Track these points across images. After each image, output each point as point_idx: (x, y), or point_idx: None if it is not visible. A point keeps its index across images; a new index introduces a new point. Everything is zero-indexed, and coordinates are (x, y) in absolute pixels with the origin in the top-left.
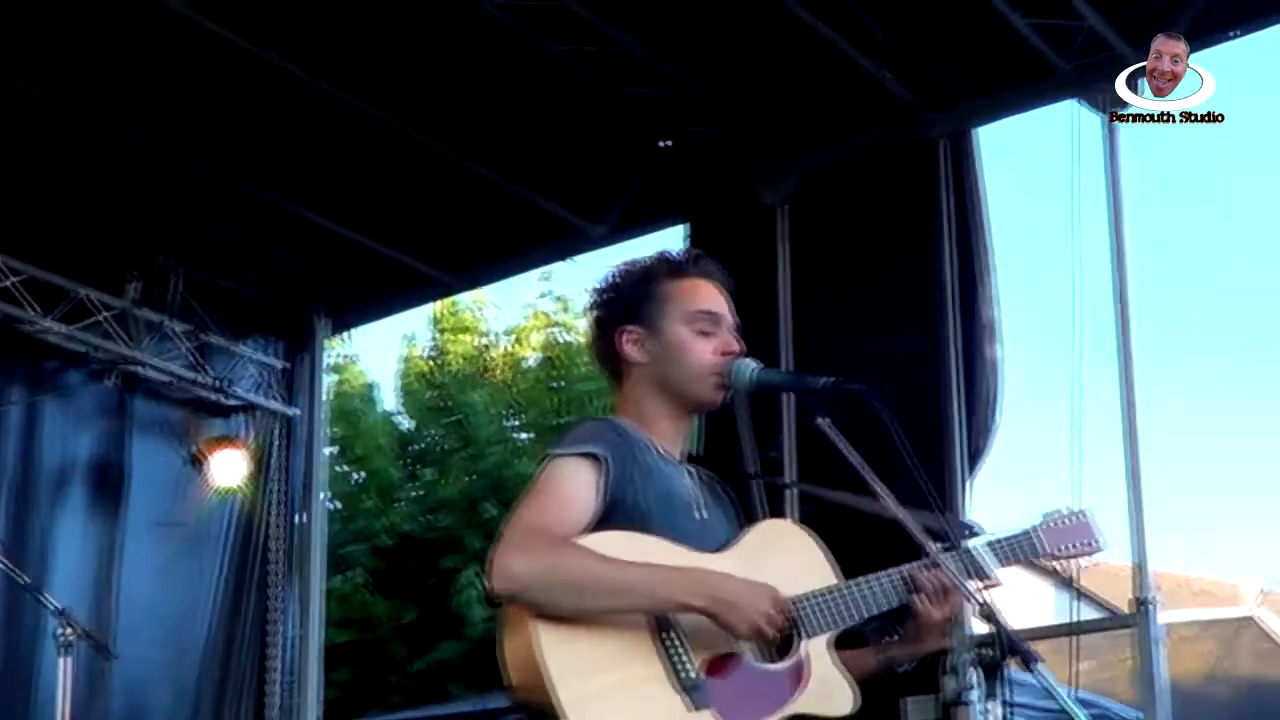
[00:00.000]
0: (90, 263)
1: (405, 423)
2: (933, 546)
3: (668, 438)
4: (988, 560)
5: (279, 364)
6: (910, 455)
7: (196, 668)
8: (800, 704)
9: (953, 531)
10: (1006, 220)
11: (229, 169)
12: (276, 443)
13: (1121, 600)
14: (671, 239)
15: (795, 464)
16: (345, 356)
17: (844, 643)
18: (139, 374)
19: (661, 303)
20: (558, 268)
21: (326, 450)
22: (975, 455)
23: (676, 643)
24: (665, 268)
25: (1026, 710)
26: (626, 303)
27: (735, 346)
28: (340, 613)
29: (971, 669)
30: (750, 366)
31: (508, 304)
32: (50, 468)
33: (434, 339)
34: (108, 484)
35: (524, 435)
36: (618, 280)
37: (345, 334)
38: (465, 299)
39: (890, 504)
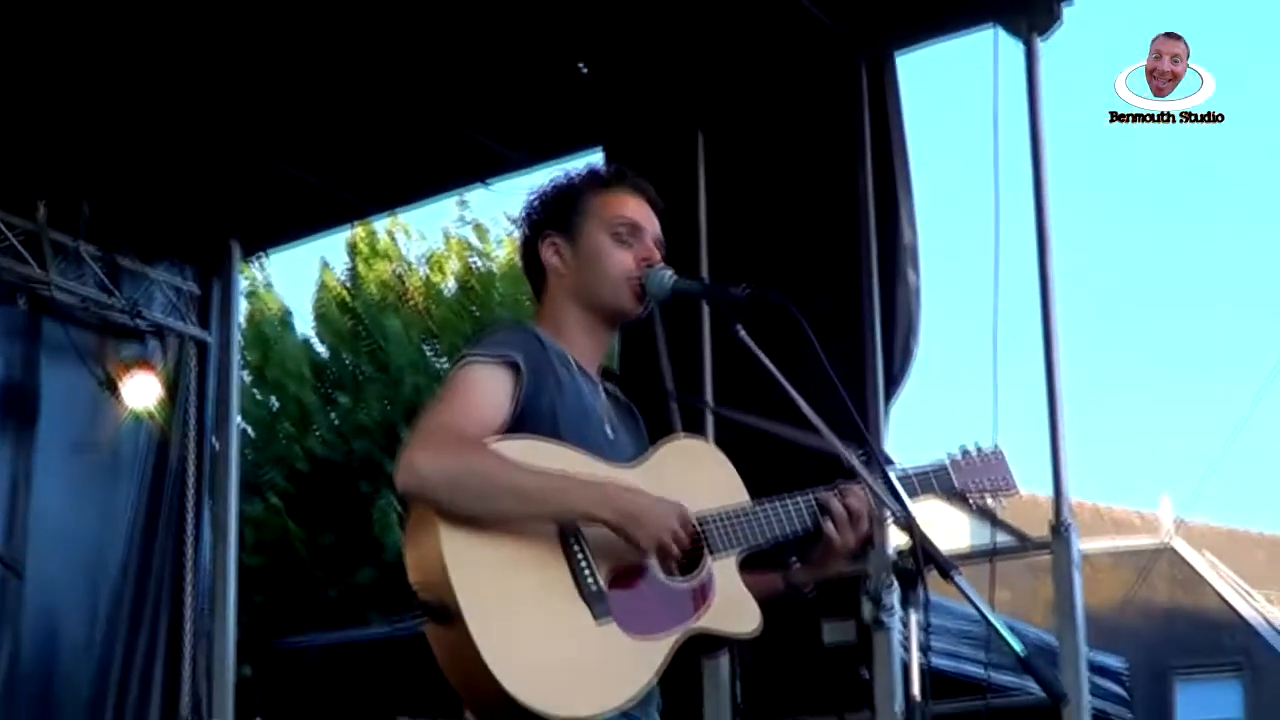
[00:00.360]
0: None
1: (322, 349)
2: (852, 457)
3: (584, 351)
4: (898, 489)
5: (192, 288)
6: (827, 365)
7: (111, 592)
8: (703, 621)
9: (875, 449)
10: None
11: (142, 91)
12: (190, 367)
13: (1039, 531)
14: (587, 159)
15: (713, 389)
16: (261, 283)
17: (752, 564)
18: (49, 297)
19: (584, 213)
20: (475, 195)
21: (244, 376)
22: (893, 382)
23: (582, 553)
24: (592, 180)
25: (946, 633)
26: (550, 212)
27: (655, 256)
28: (256, 537)
29: (891, 589)
30: (667, 275)
31: (429, 232)
32: None
33: (351, 266)
34: (19, 407)
35: (441, 362)
36: (546, 190)
37: (260, 258)
38: (383, 227)
39: (806, 412)
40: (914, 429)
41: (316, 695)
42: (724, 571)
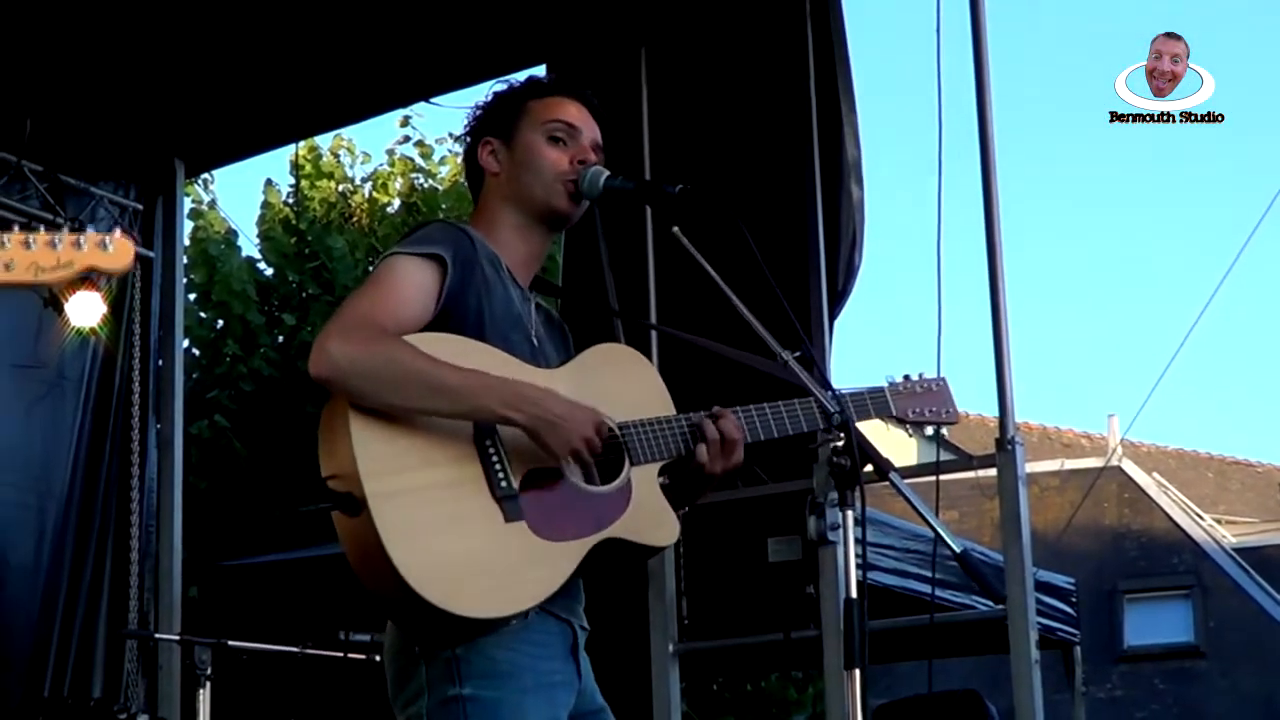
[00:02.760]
0: None
1: (267, 269)
2: (785, 354)
3: (517, 256)
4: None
5: (136, 206)
6: (761, 262)
7: (57, 511)
8: (617, 529)
9: (807, 341)
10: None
11: (84, 7)
12: (135, 286)
13: (986, 451)
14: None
15: (656, 298)
16: (206, 203)
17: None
18: None
19: (521, 115)
20: (418, 115)
21: (188, 295)
22: (838, 297)
23: (496, 452)
24: (532, 86)
25: (891, 550)
26: (490, 117)
27: (591, 157)
28: (202, 458)
29: (835, 505)
30: (601, 173)
31: (373, 152)
32: None
33: (295, 185)
34: None
35: None
36: (487, 98)
37: (203, 177)
38: (327, 145)
39: (743, 312)
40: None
41: (263, 613)
42: (644, 480)
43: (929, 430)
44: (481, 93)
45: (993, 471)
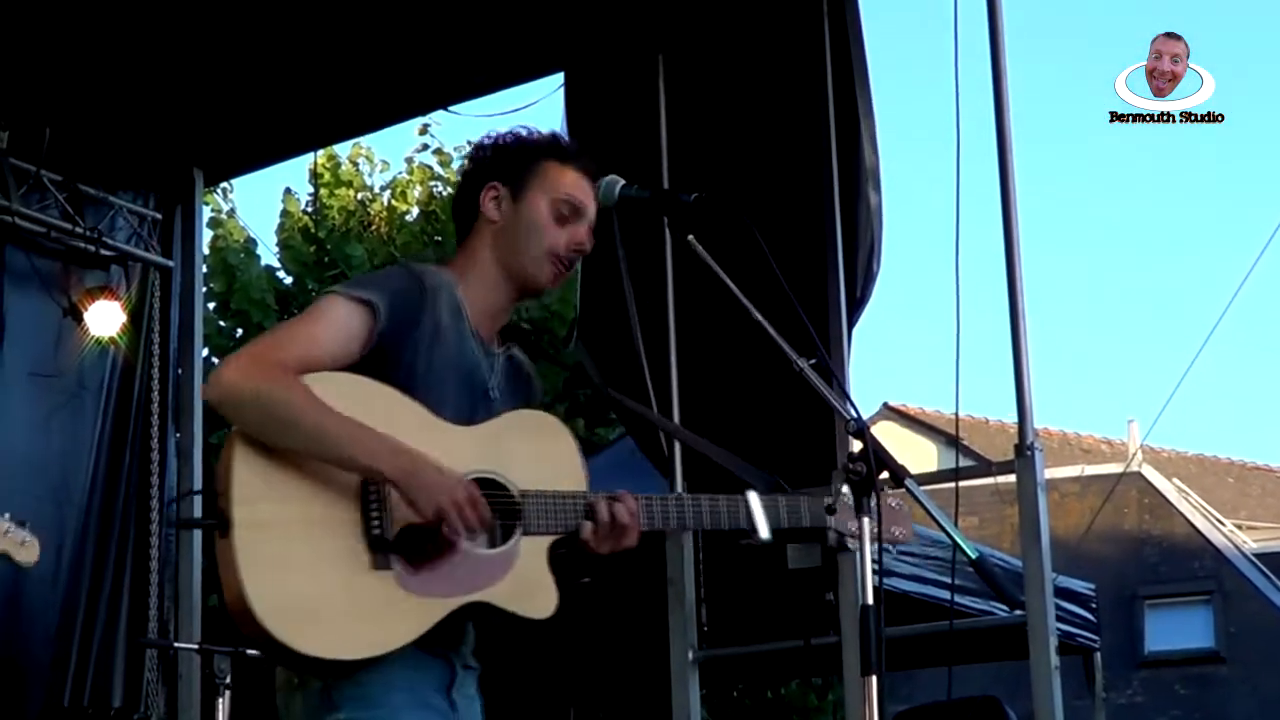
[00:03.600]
0: None
1: (286, 277)
2: (801, 362)
3: (485, 308)
4: (759, 515)
5: (155, 215)
6: (776, 270)
7: (77, 521)
8: (488, 594)
9: (821, 347)
10: (889, 69)
11: (103, 17)
12: (154, 295)
13: (1006, 457)
14: (548, 87)
15: (675, 311)
16: (225, 211)
17: None
18: (12, 224)
19: (536, 175)
20: (437, 124)
21: (208, 304)
22: (856, 304)
23: (378, 499)
24: (554, 150)
25: (910, 556)
26: (504, 161)
27: (587, 244)
28: None
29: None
30: (617, 182)
31: (392, 160)
32: None
33: (314, 194)
34: None
35: None
36: (505, 139)
37: (222, 185)
38: (345, 154)
39: (758, 319)
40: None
41: None
42: (531, 551)
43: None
44: (501, 102)
45: (1012, 477)
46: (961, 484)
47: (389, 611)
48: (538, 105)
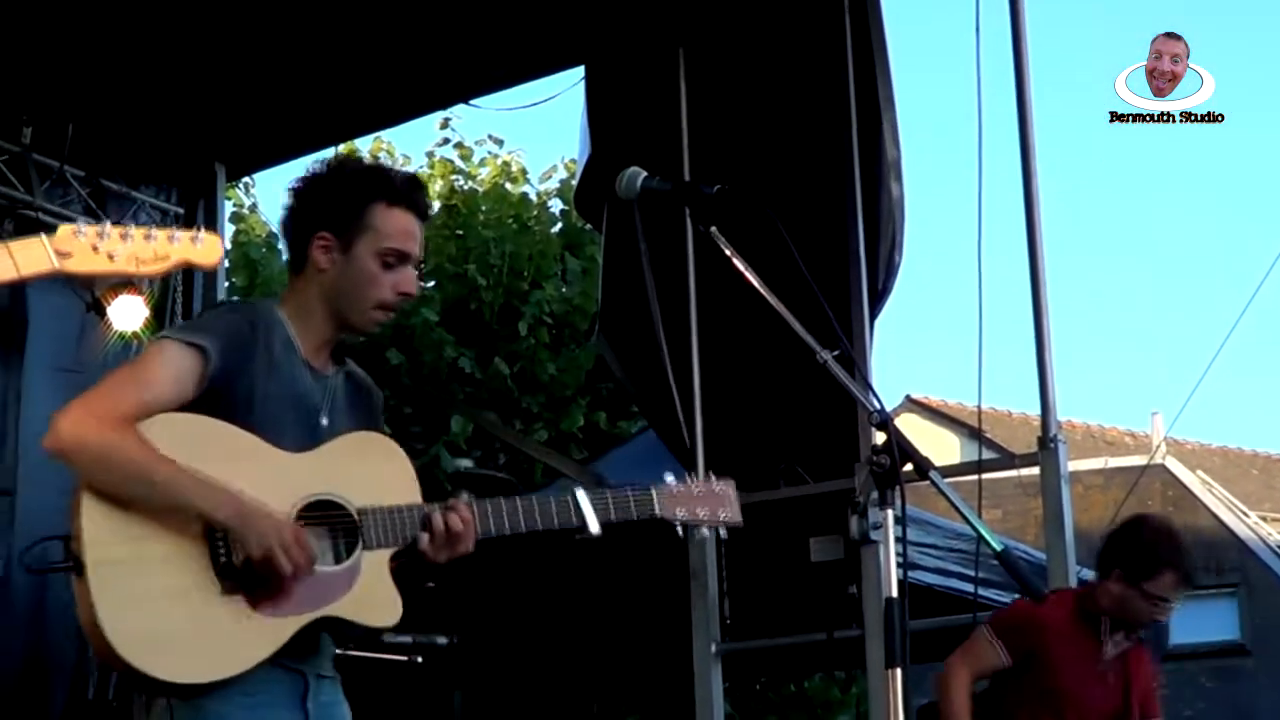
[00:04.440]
0: None
1: None
2: (824, 353)
3: (315, 343)
4: (589, 512)
5: (177, 210)
6: (798, 259)
7: None
8: (339, 608)
9: (844, 339)
10: (910, 61)
11: (126, 12)
12: (177, 289)
13: (1029, 450)
14: (568, 80)
15: (696, 298)
16: (247, 206)
17: None
18: (36, 219)
19: (364, 227)
20: (457, 117)
21: (231, 299)
22: (878, 296)
23: (222, 530)
24: (382, 190)
25: (934, 549)
26: (331, 210)
27: (413, 289)
28: None
29: (871, 491)
30: (639, 174)
31: (413, 155)
32: None
33: None
34: (7, 330)
35: (427, 284)
36: (330, 184)
37: (244, 180)
38: (366, 148)
39: (780, 310)
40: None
41: None
42: (373, 564)
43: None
44: (522, 95)
45: (1036, 470)
46: (985, 477)
47: (241, 634)
48: (559, 99)
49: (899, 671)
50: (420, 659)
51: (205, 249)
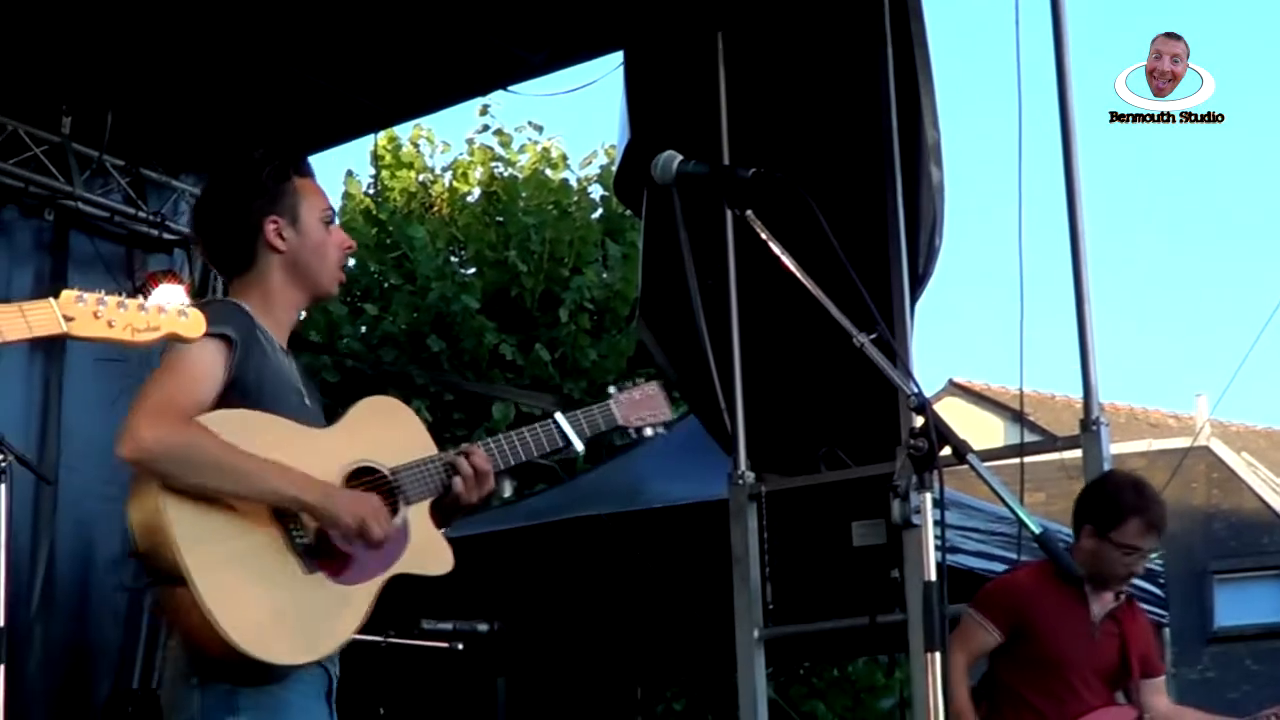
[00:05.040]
0: (24, 97)
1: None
2: (860, 336)
3: (282, 327)
4: (570, 432)
5: None
6: (834, 243)
7: None
8: (401, 565)
9: (880, 322)
10: (949, 45)
11: (161, 1)
12: (218, 277)
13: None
14: (606, 66)
15: (736, 280)
16: None
17: None
18: (76, 209)
19: (297, 197)
20: (497, 103)
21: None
22: (919, 280)
23: (292, 513)
24: (295, 167)
25: (976, 532)
26: (269, 194)
27: (351, 241)
28: None
29: (909, 473)
30: (674, 158)
31: (453, 141)
32: None
33: (375, 176)
34: None
35: (468, 271)
36: (253, 171)
37: None
38: (406, 136)
39: (816, 294)
40: (941, 330)
41: None
42: (418, 517)
43: (648, 431)
44: (561, 81)
45: (1079, 453)
46: (1028, 460)
47: (334, 606)
48: (599, 84)
49: (937, 655)
50: (461, 646)
51: (190, 323)
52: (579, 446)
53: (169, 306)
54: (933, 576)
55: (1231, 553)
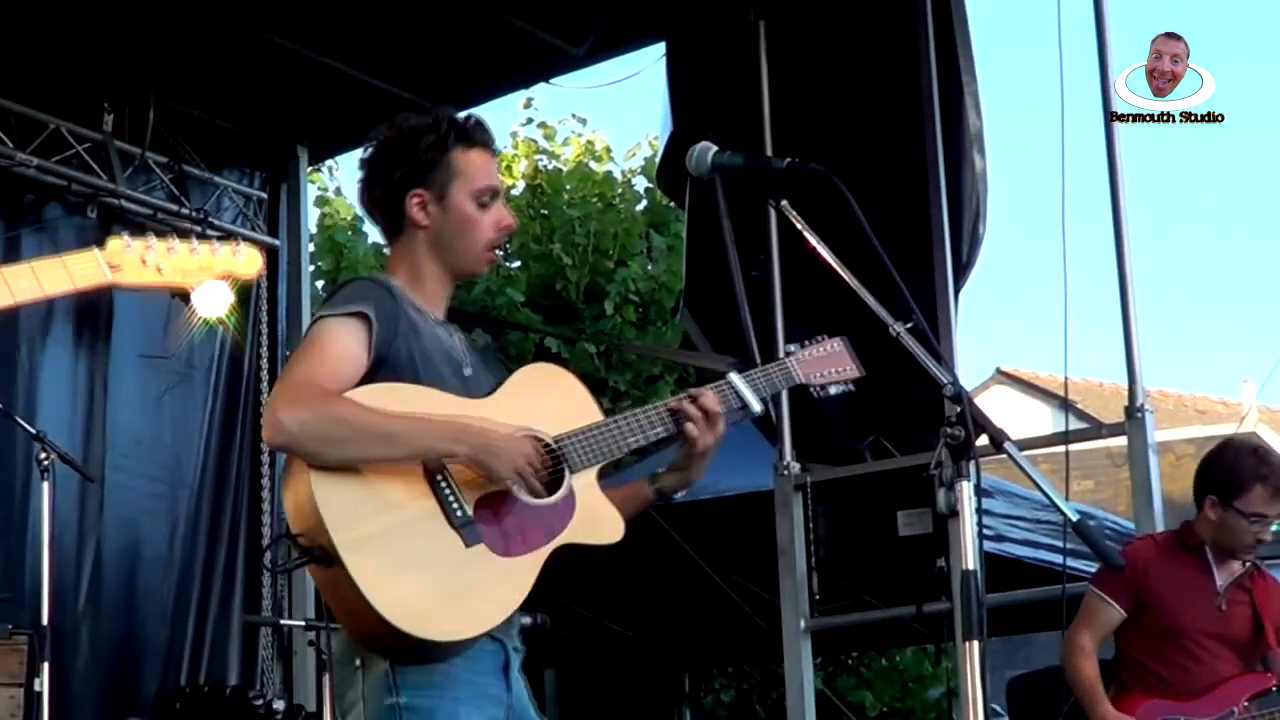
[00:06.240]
0: (66, 95)
1: None
2: (897, 326)
3: (435, 299)
4: (746, 392)
5: (260, 195)
6: (869, 233)
7: (189, 500)
8: (569, 534)
9: (916, 311)
10: (992, 32)
11: None
12: (262, 274)
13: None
14: (649, 57)
15: (780, 269)
16: (332, 190)
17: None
18: (119, 206)
19: (452, 173)
20: (540, 96)
21: (316, 283)
22: (963, 267)
23: (448, 485)
24: (456, 136)
25: (1023, 521)
26: (418, 166)
27: (512, 221)
28: None
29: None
30: (709, 149)
31: (496, 134)
32: (33, 303)
33: None
34: (93, 318)
35: (512, 264)
36: (409, 139)
37: (326, 163)
38: None
39: (851, 283)
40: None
41: None
42: (584, 486)
43: (833, 390)
44: (603, 73)
45: (1125, 440)
46: (1076, 447)
47: (496, 580)
48: (642, 75)
49: (975, 644)
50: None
51: (245, 261)
52: (756, 408)
53: (221, 247)
54: (972, 565)
55: (1278, 538)
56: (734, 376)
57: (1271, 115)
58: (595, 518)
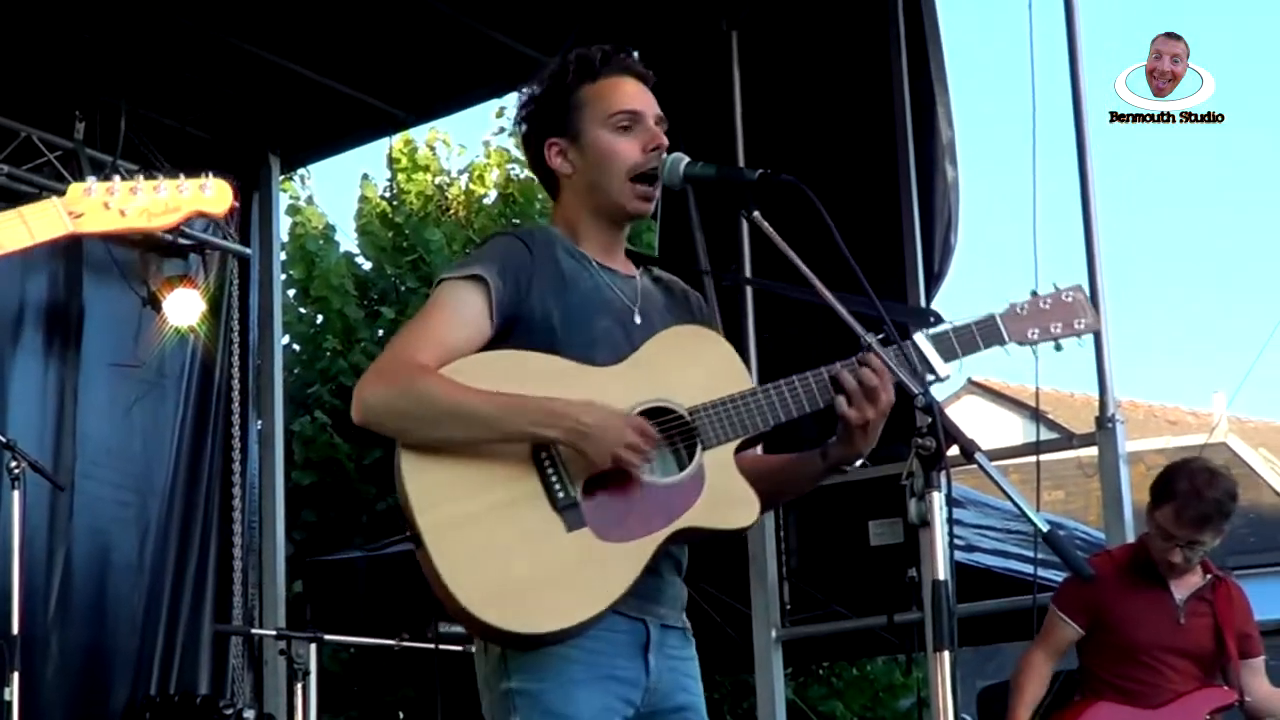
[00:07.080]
0: (37, 103)
1: (365, 263)
2: (868, 337)
3: (601, 246)
4: (931, 352)
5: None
6: (840, 244)
7: (160, 509)
8: (690, 517)
9: (888, 322)
10: (963, 43)
11: (173, 5)
12: (233, 283)
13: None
14: None
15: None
16: (303, 198)
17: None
18: None
19: (580, 109)
20: (512, 106)
21: (288, 292)
22: (935, 278)
23: (553, 464)
24: (579, 71)
25: (993, 531)
26: (547, 114)
27: (661, 140)
28: (305, 454)
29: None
30: (680, 160)
31: (469, 144)
32: (4, 311)
33: (391, 179)
34: (63, 326)
35: None
36: (536, 91)
37: (298, 172)
38: (422, 139)
39: (823, 294)
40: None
41: (365, 607)
42: (717, 464)
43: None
44: None
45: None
46: (1047, 458)
47: (597, 568)
48: None
49: (946, 654)
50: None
51: (215, 196)
52: (944, 372)
53: (189, 183)
54: (943, 575)
55: (1250, 548)
56: (919, 337)
57: (1270, 116)
58: (724, 499)
